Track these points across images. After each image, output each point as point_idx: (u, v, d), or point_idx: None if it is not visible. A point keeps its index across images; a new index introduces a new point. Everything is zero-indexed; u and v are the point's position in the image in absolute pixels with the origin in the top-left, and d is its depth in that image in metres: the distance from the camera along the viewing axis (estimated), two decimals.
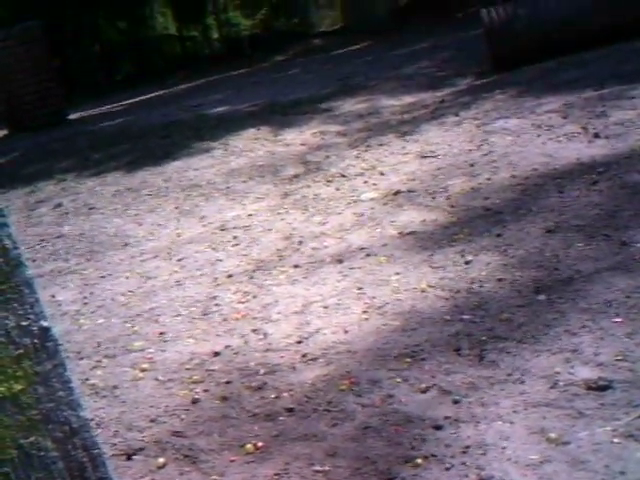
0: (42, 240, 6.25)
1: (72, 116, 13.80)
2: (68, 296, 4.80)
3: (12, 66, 12.68)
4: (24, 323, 1.80)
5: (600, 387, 2.55)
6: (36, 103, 12.88)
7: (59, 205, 7.19)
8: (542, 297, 3.24)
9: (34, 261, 5.75)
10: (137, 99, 14.80)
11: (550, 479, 2.19)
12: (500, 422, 2.49)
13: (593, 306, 3.07)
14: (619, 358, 2.70)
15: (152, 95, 14.84)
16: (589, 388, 2.56)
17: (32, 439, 1.78)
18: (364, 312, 3.49)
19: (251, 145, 7.86)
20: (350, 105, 8.91)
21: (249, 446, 2.64)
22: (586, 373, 2.65)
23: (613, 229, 3.71)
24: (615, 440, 2.29)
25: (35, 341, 1.82)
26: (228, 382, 3.14)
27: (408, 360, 2.98)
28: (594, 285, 3.23)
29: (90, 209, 6.84)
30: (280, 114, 9.05)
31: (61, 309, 4.57)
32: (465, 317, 3.22)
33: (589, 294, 3.17)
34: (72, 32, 16.72)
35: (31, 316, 1.83)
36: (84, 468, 1.78)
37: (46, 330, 1.86)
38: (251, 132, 8.38)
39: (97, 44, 17.64)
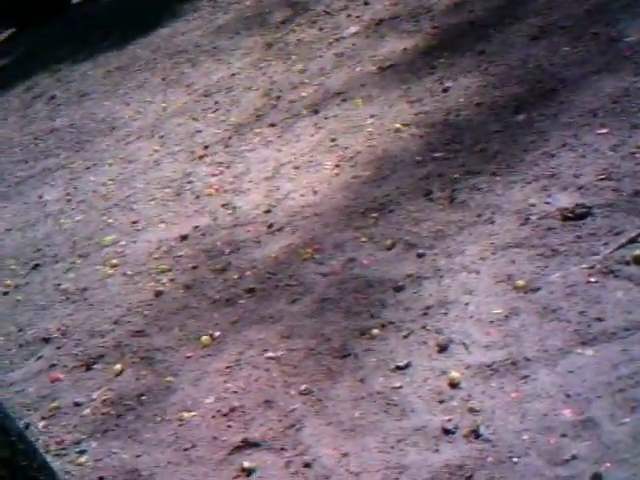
0: (35, 138, 6.01)
1: None
2: (54, 195, 4.60)
3: None
4: None
5: (578, 215, 2.23)
6: None
7: (53, 97, 6.91)
8: (521, 117, 2.86)
9: (26, 162, 5.56)
10: None
11: (516, 335, 1.92)
12: (465, 273, 2.20)
13: (576, 119, 2.69)
14: (602, 177, 2.35)
15: None
16: (565, 219, 2.24)
17: None
18: (336, 166, 3.17)
19: None
20: None
21: (205, 338, 2.44)
22: (563, 201, 2.31)
23: (602, 25, 3.22)
24: (592, 279, 1.99)
25: None
26: (194, 267, 2.92)
27: (375, 215, 2.68)
28: (579, 94, 2.83)
29: (82, 96, 6.54)
30: None
31: (45, 210, 4.37)
32: (438, 155, 2.87)
33: (573, 105, 2.78)
34: None
35: None
36: None
37: None
38: None
39: None
